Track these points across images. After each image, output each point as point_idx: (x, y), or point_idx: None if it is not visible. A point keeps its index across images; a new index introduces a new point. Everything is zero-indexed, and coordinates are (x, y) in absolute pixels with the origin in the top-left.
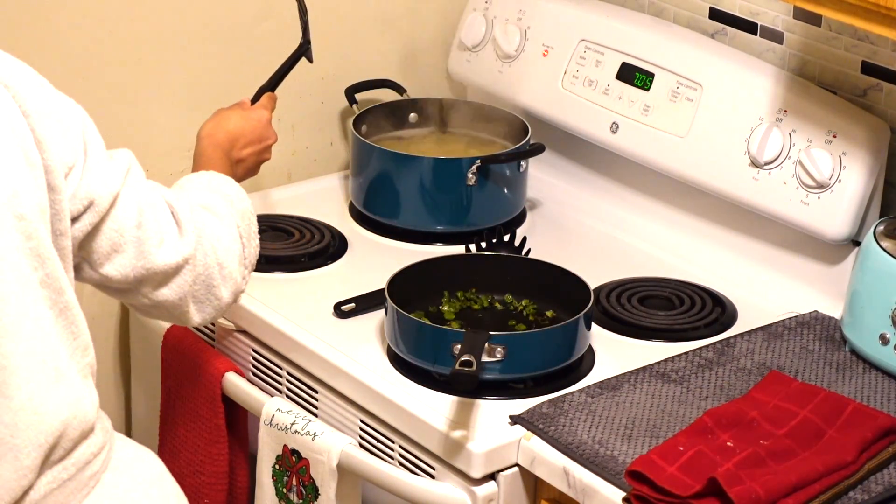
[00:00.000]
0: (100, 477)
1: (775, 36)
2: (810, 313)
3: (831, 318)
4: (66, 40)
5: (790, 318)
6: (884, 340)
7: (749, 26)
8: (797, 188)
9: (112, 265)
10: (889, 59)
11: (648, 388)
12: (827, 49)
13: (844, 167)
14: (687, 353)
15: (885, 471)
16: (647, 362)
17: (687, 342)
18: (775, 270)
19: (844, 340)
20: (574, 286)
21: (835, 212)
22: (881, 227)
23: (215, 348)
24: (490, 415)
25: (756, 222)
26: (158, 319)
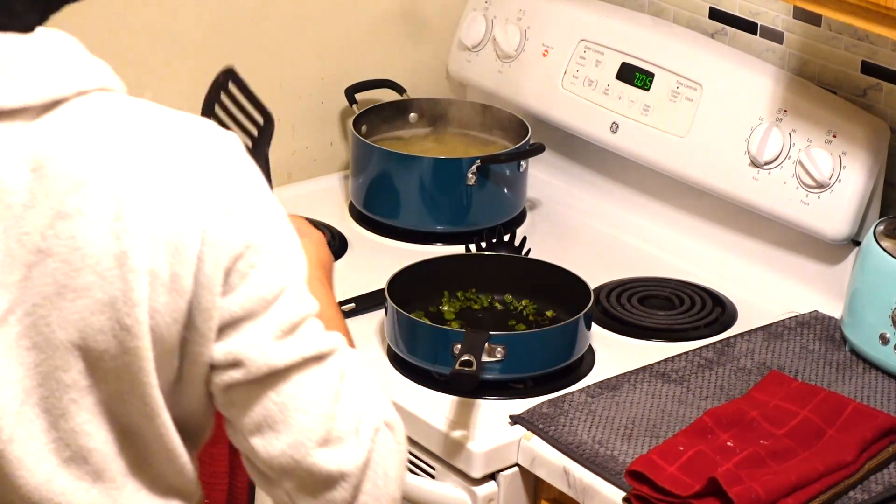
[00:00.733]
0: None
1: (775, 36)
2: (810, 313)
3: (831, 318)
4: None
5: (790, 318)
6: (884, 340)
7: (749, 26)
8: (797, 188)
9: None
10: (889, 59)
11: (648, 388)
12: (827, 49)
13: (844, 167)
14: (687, 353)
15: (885, 470)
16: (647, 362)
17: (687, 342)
18: (775, 270)
19: (844, 340)
20: (574, 286)
21: (835, 212)
22: (881, 227)
23: None
24: (490, 415)
25: (756, 222)
26: None
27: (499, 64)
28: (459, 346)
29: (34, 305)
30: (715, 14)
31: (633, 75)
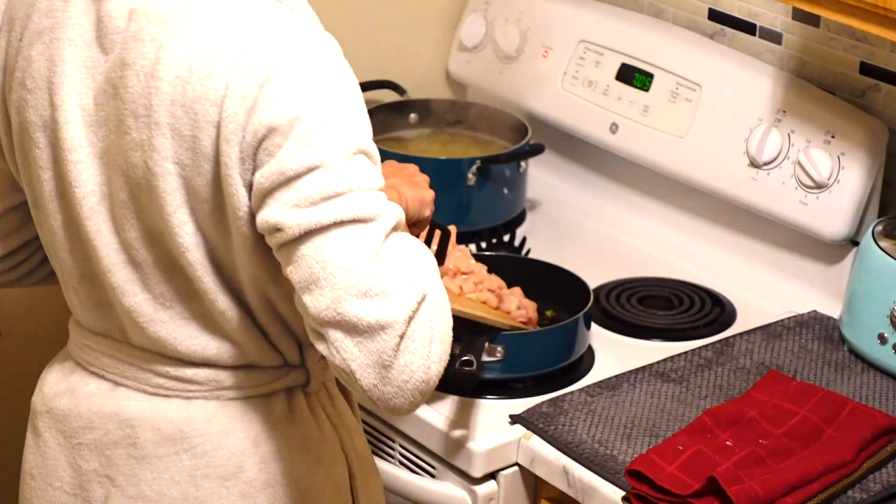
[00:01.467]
0: None
1: (774, 37)
2: (809, 313)
3: (830, 318)
4: None
5: (789, 318)
6: (882, 340)
7: (748, 27)
8: (796, 188)
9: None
10: (887, 60)
11: (648, 388)
12: (826, 50)
13: (843, 167)
14: (686, 353)
15: (884, 470)
16: (647, 362)
17: (686, 342)
18: (774, 270)
19: (843, 340)
20: (574, 286)
21: (833, 212)
22: (879, 227)
23: None
24: (490, 414)
25: (755, 222)
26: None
27: (499, 64)
28: (460, 346)
29: (107, 130)
30: (714, 15)
31: (633, 76)
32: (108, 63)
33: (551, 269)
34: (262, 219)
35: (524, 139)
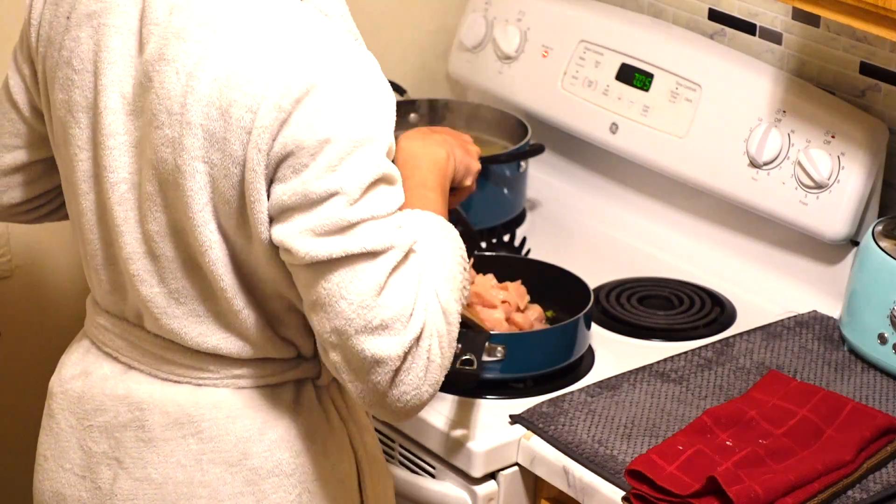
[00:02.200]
0: None
1: (774, 37)
2: (809, 313)
3: (830, 318)
4: None
5: (789, 318)
6: (882, 340)
7: (748, 27)
8: (796, 188)
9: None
10: (887, 60)
11: (648, 388)
12: (825, 50)
13: (843, 167)
14: (686, 353)
15: (884, 470)
16: (647, 362)
17: (686, 342)
18: (774, 270)
19: (843, 340)
20: (574, 286)
21: (833, 212)
22: (879, 227)
23: None
24: (490, 414)
25: (755, 222)
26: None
27: (499, 64)
28: (460, 346)
29: (143, 122)
30: (714, 15)
31: (633, 76)
32: (146, 54)
33: (551, 269)
34: (276, 235)
35: (524, 139)
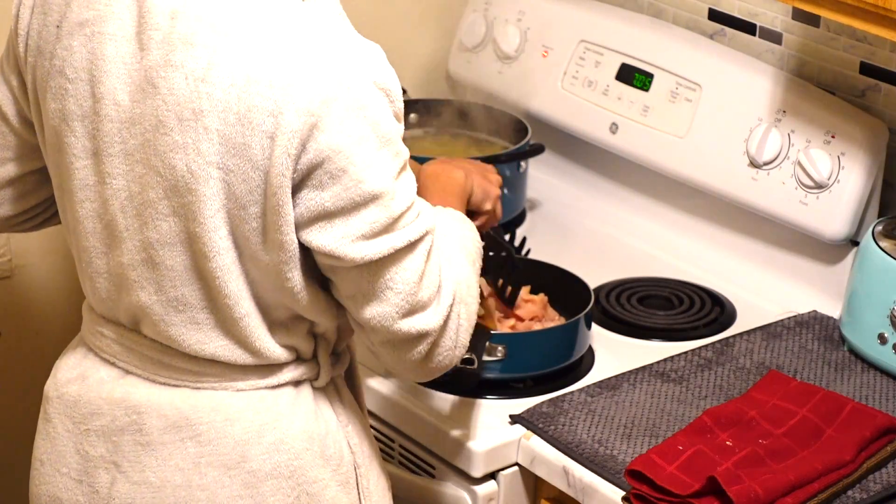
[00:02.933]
0: None
1: (774, 37)
2: (809, 313)
3: (830, 318)
4: None
5: (789, 318)
6: (882, 340)
7: (748, 27)
8: (796, 188)
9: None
10: (887, 60)
11: (648, 388)
12: (825, 50)
13: (843, 167)
14: (686, 353)
15: (884, 470)
16: (647, 362)
17: (686, 342)
18: (774, 270)
19: (843, 340)
20: (574, 286)
21: (833, 212)
22: (879, 227)
23: None
24: (490, 414)
25: (755, 222)
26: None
27: (499, 64)
28: None
29: (142, 129)
30: (714, 15)
31: (633, 76)
32: (148, 60)
33: (551, 270)
34: (320, 242)
35: (524, 139)
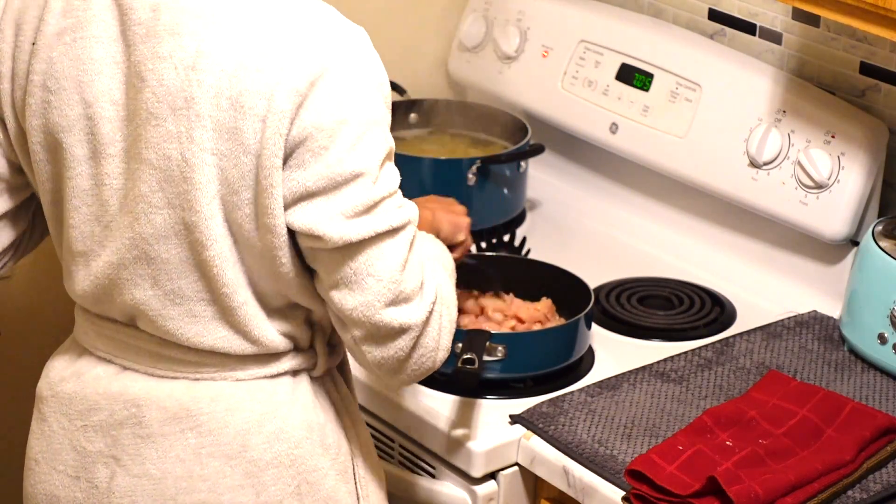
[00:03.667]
0: None
1: (774, 37)
2: (809, 313)
3: (830, 318)
4: None
5: (789, 318)
6: (882, 340)
7: (748, 27)
8: (796, 188)
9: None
10: (887, 60)
11: (648, 388)
12: (825, 50)
13: (843, 167)
14: (686, 353)
15: (884, 470)
16: (647, 362)
17: (686, 342)
18: (774, 270)
19: (843, 340)
20: (574, 286)
21: (833, 212)
22: (879, 227)
23: None
24: (490, 414)
25: (755, 222)
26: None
27: (499, 64)
28: (461, 345)
29: (135, 124)
30: (714, 15)
31: (633, 76)
32: (136, 55)
33: (551, 270)
34: (301, 222)
35: (524, 139)
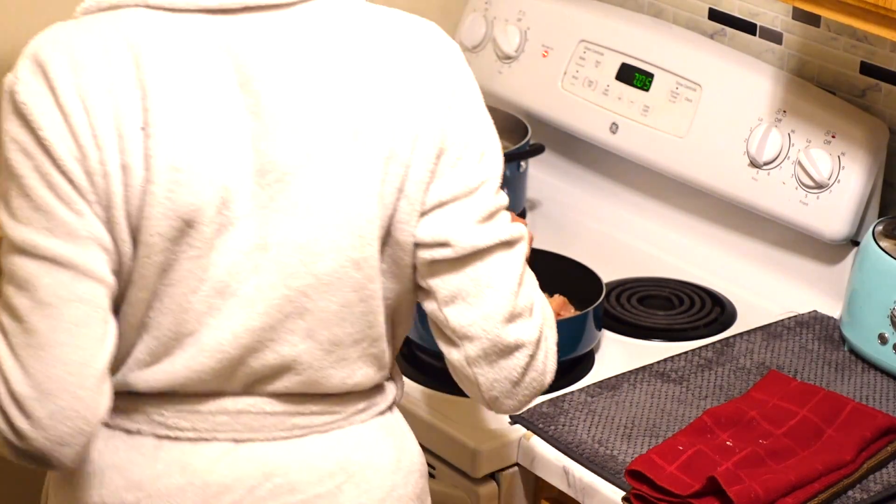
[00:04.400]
0: None
1: (774, 36)
2: (809, 313)
3: (830, 318)
4: None
5: (789, 318)
6: (882, 340)
7: (748, 27)
8: (796, 188)
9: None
10: (887, 60)
11: (648, 388)
12: (826, 49)
13: (843, 167)
14: (686, 353)
15: (884, 470)
16: (647, 362)
17: (686, 342)
18: (774, 270)
19: (843, 340)
20: (585, 278)
21: (834, 212)
22: (880, 227)
23: None
24: (490, 414)
25: (755, 222)
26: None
27: (499, 64)
28: None
29: (272, 176)
30: (714, 15)
31: (633, 76)
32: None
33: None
34: (431, 229)
35: (524, 139)
